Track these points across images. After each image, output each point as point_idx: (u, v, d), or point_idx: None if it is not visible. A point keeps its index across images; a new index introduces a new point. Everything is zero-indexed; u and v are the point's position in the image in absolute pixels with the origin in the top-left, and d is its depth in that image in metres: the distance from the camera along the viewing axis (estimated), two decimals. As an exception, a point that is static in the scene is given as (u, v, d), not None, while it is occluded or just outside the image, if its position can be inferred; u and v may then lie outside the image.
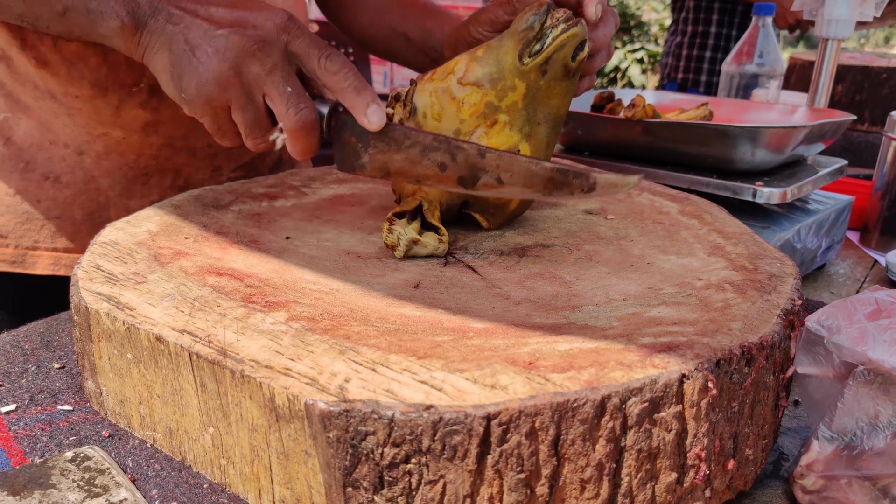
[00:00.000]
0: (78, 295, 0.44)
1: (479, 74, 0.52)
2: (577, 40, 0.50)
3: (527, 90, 0.52)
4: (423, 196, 0.53)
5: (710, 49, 2.05)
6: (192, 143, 0.69)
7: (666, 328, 0.38)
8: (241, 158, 0.75)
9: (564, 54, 0.51)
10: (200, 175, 0.72)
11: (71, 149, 0.65)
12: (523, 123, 0.52)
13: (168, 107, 0.66)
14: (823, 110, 0.88)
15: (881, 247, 0.91)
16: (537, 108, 0.53)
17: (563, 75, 0.52)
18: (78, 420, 0.46)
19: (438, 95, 0.53)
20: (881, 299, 0.40)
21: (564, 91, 0.53)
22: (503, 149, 0.51)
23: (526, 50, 0.51)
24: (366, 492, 0.33)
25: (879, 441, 0.35)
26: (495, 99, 0.52)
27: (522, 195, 0.47)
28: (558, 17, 0.51)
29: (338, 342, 0.37)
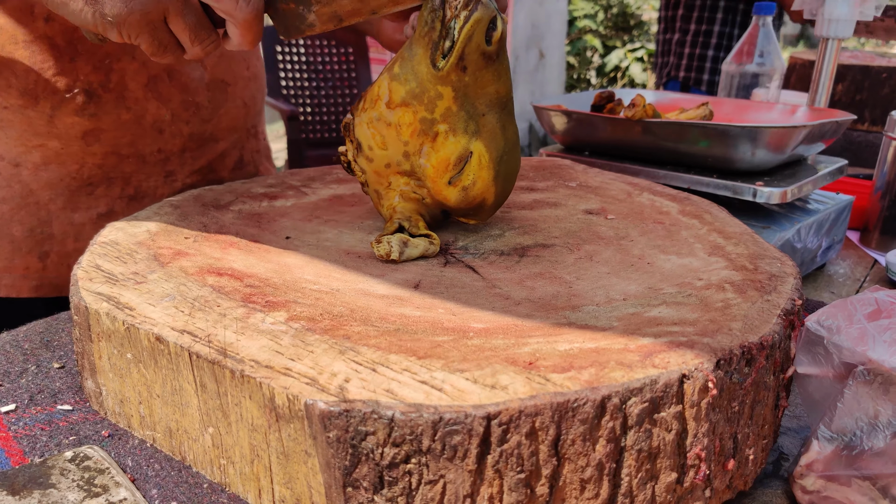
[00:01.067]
0: (78, 295, 0.44)
1: (402, 94, 0.49)
2: (485, 23, 0.46)
3: (455, 92, 0.48)
4: (400, 217, 0.52)
5: (713, 48, 2.04)
6: (140, 149, 0.64)
7: (666, 328, 0.38)
8: (196, 162, 0.70)
9: (476, 43, 0.47)
10: (152, 182, 0.67)
11: (6, 161, 0.61)
12: (466, 123, 0.49)
13: (108, 112, 0.61)
14: (823, 110, 0.88)
15: (881, 247, 0.91)
16: (475, 102, 0.49)
17: (485, 63, 0.48)
18: (78, 420, 0.45)
19: (375, 125, 0.51)
20: (881, 299, 0.40)
21: (496, 74, 0.49)
22: (454, 158, 0.49)
23: (437, 53, 0.47)
24: (366, 492, 0.33)
25: (879, 441, 0.35)
26: (427, 113, 0.49)
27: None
28: (456, 4, 0.46)
29: (338, 342, 0.37)
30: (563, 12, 4.16)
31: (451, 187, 0.51)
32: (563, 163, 0.77)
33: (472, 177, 0.50)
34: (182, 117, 0.66)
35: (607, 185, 0.70)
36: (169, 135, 0.65)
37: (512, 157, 0.53)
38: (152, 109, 0.63)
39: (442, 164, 0.50)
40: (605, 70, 5.58)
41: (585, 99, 0.90)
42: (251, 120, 0.74)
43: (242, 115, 0.72)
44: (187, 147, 0.67)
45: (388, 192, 0.54)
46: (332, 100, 2.74)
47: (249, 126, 0.74)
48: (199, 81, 0.66)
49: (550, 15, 4.00)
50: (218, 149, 0.71)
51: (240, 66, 0.70)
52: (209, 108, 0.68)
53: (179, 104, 0.65)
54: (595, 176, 0.73)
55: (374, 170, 0.53)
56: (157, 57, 0.48)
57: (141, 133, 0.63)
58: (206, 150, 0.70)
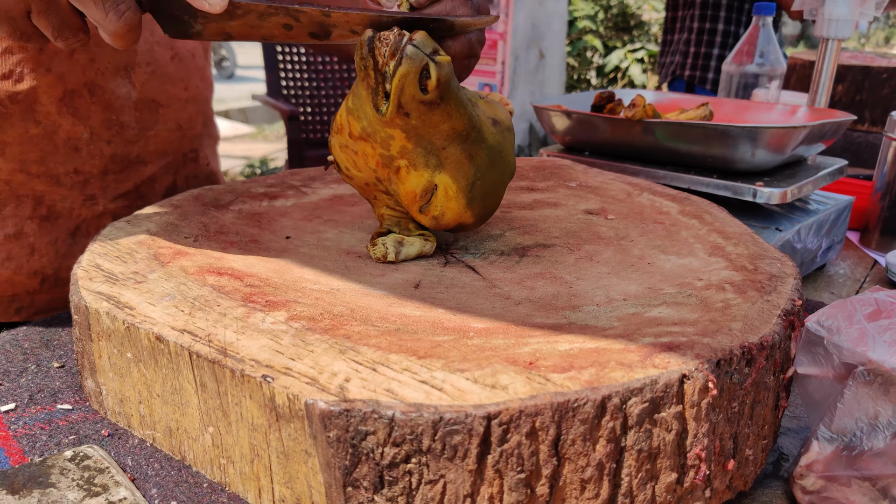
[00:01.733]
0: (77, 294, 0.44)
1: (358, 130, 0.47)
2: (414, 75, 0.43)
3: (405, 133, 0.45)
4: (390, 223, 0.52)
5: (718, 46, 2.05)
6: (51, 168, 0.59)
7: (666, 328, 0.38)
8: (120, 186, 0.64)
9: (410, 94, 0.43)
10: (68, 204, 0.61)
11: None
12: (426, 158, 0.47)
13: (13, 125, 0.57)
14: (824, 110, 0.88)
15: (881, 247, 0.91)
16: (431, 139, 0.46)
17: (428, 108, 0.44)
18: (77, 419, 0.45)
19: (345, 151, 0.50)
20: (881, 300, 0.40)
21: (445, 115, 0.45)
22: (419, 190, 0.48)
23: (378, 98, 0.44)
24: (366, 491, 0.33)
25: (879, 441, 0.35)
26: (384, 150, 0.47)
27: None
28: (383, 51, 0.43)
29: (338, 342, 0.37)
30: (563, 12, 4.16)
31: (423, 215, 0.50)
32: (563, 163, 0.77)
33: (441, 208, 0.49)
34: (103, 136, 0.61)
35: (607, 185, 0.70)
36: (87, 154, 0.60)
37: (488, 179, 0.50)
38: (66, 126, 0.59)
39: (409, 195, 0.49)
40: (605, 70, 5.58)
41: (585, 99, 0.90)
42: (189, 144, 0.69)
43: (177, 138, 0.67)
44: (109, 169, 0.62)
45: (376, 203, 0.54)
46: (332, 100, 2.74)
47: (187, 150, 0.69)
48: (126, 99, 0.62)
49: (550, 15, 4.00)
50: (146, 172, 0.66)
51: (176, 87, 0.66)
52: (136, 129, 0.63)
53: (100, 122, 0.61)
54: (595, 176, 0.73)
55: (357, 185, 0.53)
56: (21, 41, 0.46)
57: (52, 150, 0.58)
58: (132, 173, 0.64)
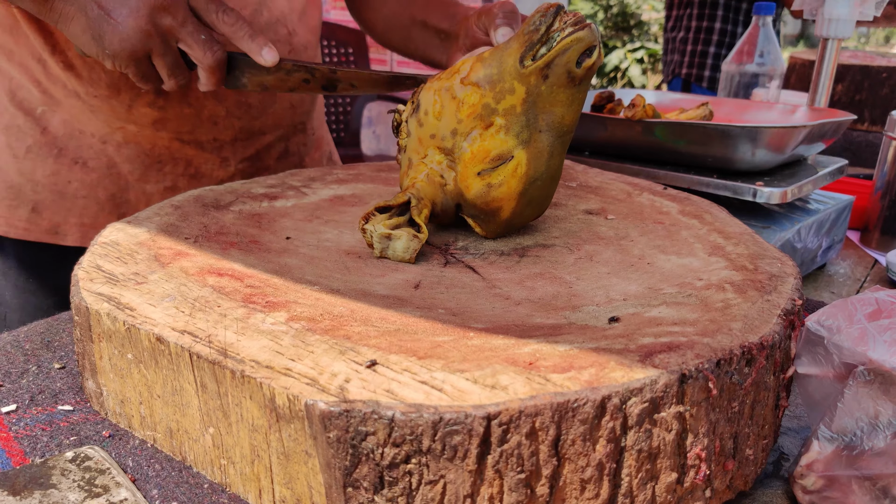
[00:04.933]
0: (78, 295, 0.44)
1: (480, 75, 0.51)
2: (584, 45, 0.48)
3: (526, 94, 0.49)
4: (415, 192, 0.53)
5: (715, 45, 2.05)
6: (198, 137, 0.76)
7: (666, 328, 0.38)
8: (245, 151, 0.80)
9: (567, 59, 0.48)
10: (209, 165, 0.78)
11: (96, 138, 0.73)
12: (521, 129, 0.50)
13: (173, 106, 0.73)
14: (823, 110, 0.88)
15: (881, 246, 0.91)
16: (538, 115, 0.50)
17: (566, 82, 0.49)
18: (78, 420, 0.46)
19: (441, 94, 0.52)
20: (881, 299, 0.40)
21: (569, 99, 0.50)
22: (494, 153, 0.51)
23: (529, 53, 0.49)
24: (366, 492, 0.33)
25: (879, 441, 0.35)
26: (492, 101, 0.50)
27: (374, 91, 0.62)
28: (567, 20, 0.48)
29: (338, 342, 0.37)
30: (563, 12, 4.16)
31: (478, 178, 0.51)
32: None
33: (501, 178, 0.51)
34: (235, 114, 0.77)
35: (607, 185, 0.70)
36: (223, 126, 0.77)
37: (545, 188, 0.53)
38: (210, 106, 0.75)
39: (482, 152, 0.51)
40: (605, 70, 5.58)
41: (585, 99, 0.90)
42: (298, 118, 0.85)
43: (289, 114, 0.83)
44: (238, 137, 0.79)
45: (419, 165, 0.54)
46: (332, 100, 2.73)
47: (297, 123, 0.85)
48: None
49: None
50: (265, 140, 0.82)
51: None
52: (259, 108, 0.79)
53: (233, 103, 0.77)
54: (595, 176, 0.73)
55: (419, 136, 0.54)
56: (139, 83, 0.61)
57: (199, 124, 0.75)
58: (255, 141, 0.81)
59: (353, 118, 2.78)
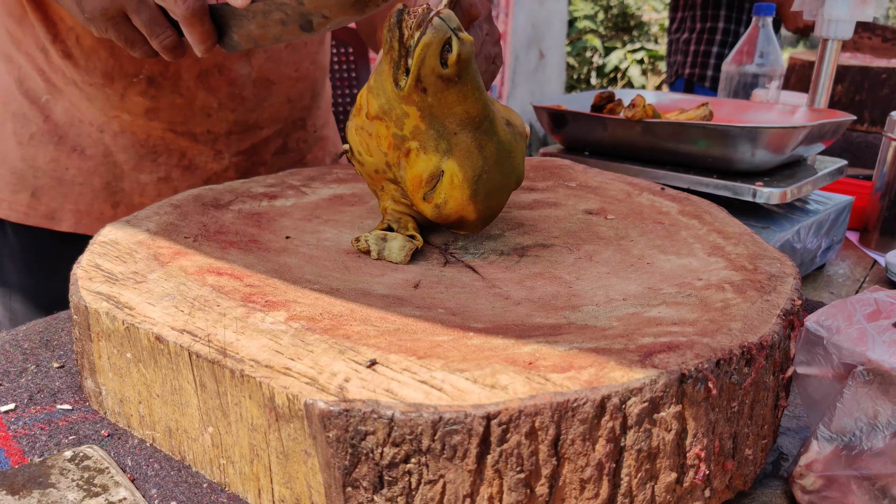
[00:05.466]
0: (77, 294, 0.44)
1: (376, 108, 0.48)
2: (435, 47, 0.43)
3: (420, 112, 0.46)
4: (391, 218, 0.52)
5: (718, 44, 2.05)
6: (191, 128, 0.77)
7: (666, 328, 0.38)
8: (240, 144, 0.80)
9: (430, 67, 0.44)
10: (203, 157, 0.79)
11: (94, 126, 0.75)
12: (437, 142, 0.48)
13: (165, 96, 0.74)
14: (823, 110, 0.88)
15: (881, 247, 0.91)
16: (444, 122, 0.47)
17: (445, 85, 0.45)
18: (77, 419, 0.45)
19: (360, 133, 0.51)
20: (880, 300, 0.40)
21: (461, 96, 0.46)
22: (426, 175, 0.49)
23: (399, 72, 0.45)
24: (365, 491, 0.33)
25: (878, 441, 0.35)
26: (398, 129, 0.48)
27: (348, 20, 0.52)
28: (410, 23, 0.44)
29: (337, 342, 0.37)
30: (563, 12, 4.16)
31: (425, 203, 0.50)
32: (563, 163, 0.77)
33: (444, 196, 0.49)
34: (228, 106, 0.77)
35: (607, 185, 0.70)
36: (216, 119, 0.77)
37: (494, 176, 0.50)
38: (201, 97, 0.75)
39: (416, 179, 0.49)
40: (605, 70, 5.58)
41: (585, 99, 0.90)
42: (297, 114, 0.85)
43: (287, 108, 0.83)
44: (233, 130, 0.79)
45: (382, 194, 0.54)
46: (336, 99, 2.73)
47: (296, 118, 0.85)
48: (247, 78, 0.78)
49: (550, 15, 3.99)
50: (262, 135, 0.82)
51: (288, 69, 0.81)
52: (253, 101, 0.79)
53: (226, 95, 0.77)
54: (595, 176, 0.73)
55: (366, 172, 0.53)
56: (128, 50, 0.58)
57: (191, 115, 0.76)
58: (250, 134, 0.81)
59: (352, 118, 2.78)
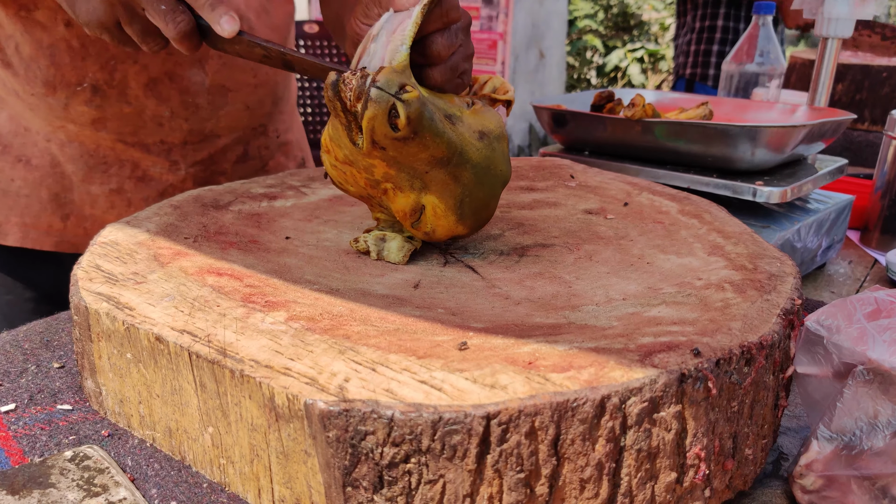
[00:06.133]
0: (77, 295, 0.44)
1: (342, 156, 0.48)
2: (382, 117, 0.42)
3: (386, 161, 0.46)
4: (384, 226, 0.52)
5: (718, 42, 2.05)
6: (142, 139, 0.74)
7: (666, 328, 0.38)
8: (197, 154, 0.78)
9: (382, 133, 0.43)
10: (158, 169, 0.76)
11: (41, 136, 0.72)
12: (411, 181, 0.47)
13: (111, 105, 0.71)
14: (823, 109, 0.88)
15: (881, 246, 0.91)
16: (413, 165, 0.46)
17: (402, 143, 0.43)
18: (77, 419, 0.46)
19: (335, 169, 0.50)
20: (881, 299, 0.40)
21: (421, 145, 0.44)
22: (408, 209, 0.48)
23: (353, 132, 0.44)
24: (365, 491, 0.33)
25: (878, 441, 0.35)
26: (368, 175, 0.48)
27: (323, 77, 0.49)
28: (349, 95, 0.43)
29: (337, 342, 0.37)
30: (563, 12, 4.16)
31: (416, 230, 0.50)
32: (562, 163, 0.77)
33: (431, 225, 0.49)
34: (181, 115, 0.74)
35: (607, 184, 0.70)
36: (169, 129, 0.74)
37: (478, 194, 0.49)
38: (151, 106, 0.72)
39: (399, 213, 0.49)
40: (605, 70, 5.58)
41: (585, 99, 0.90)
42: (257, 120, 0.82)
43: (245, 116, 0.80)
44: (188, 140, 0.76)
45: (373, 209, 0.54)
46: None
47: (255, 125, 0.82)
48: (200, 85, 0.75)
49: (550, 15, 3.99)
50: (219, 143, 0.79)
51: (245, 75, 0.78)
52: (208, 109, 0.76)
53: (179, 104, 0.73)
54: (595, 176, 0.73)
55: (353, 195, 0.53)
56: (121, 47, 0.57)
57: (141, 125, 0.73)
58: (207, 144, 0.78)
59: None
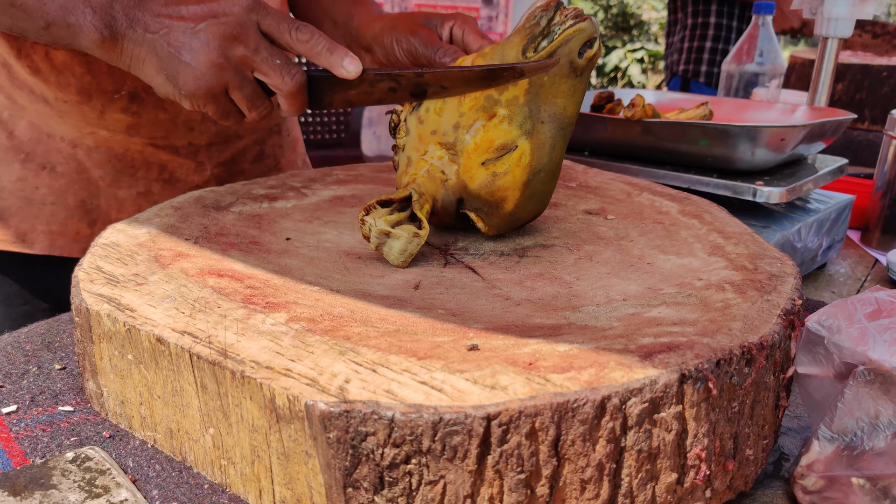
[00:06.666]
0: (79, 296, 0.44)
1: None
2: (585, 36, 0.50)
3: (529, 85, 0.51)
4: (416, 188, 0.52)
5: (711, 39, 2.05)
6: (172, 142, 0.75)
7: (666, 328, 0.38)
8: (222, 155, 0.79)
9: (570, 49, 0.50)
10: (184, 170, 0.77)
11: (66, 142, 0.71)
12: (524, 119, 0.51)
13: (148, 112, 0.71)
14: (823, 109, 0.88)
15: (882, 246, 0.91)
16: (541, 106, 0.51)
17: (569, 72, 0.51)
18: (79, 421, 0.46)
19: None
20: (882, 299, 0.40)
21: (571, 90, 0.51)
22: (499, 143, 0.51)
23: (531, 45, 0.50)
24: (366, 492, 0.33)
25: (880, 441, 0.35)
26: (495, 92, 0.51)
27: (467, 91, 0.52)
28: (567, 13, 0.50)
29: (338, 343, 0.37)
30: (563, 12, 4.16)
31: (483, 168, 0.52)
32: (563, 163, 0.77)
33: (506, 167, 0.51)
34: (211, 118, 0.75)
35: (607, 185, 0.70)
36: (198, 131, 0.76)
37: (547, 180, 0.53)
38: (186, 111, 0.73)
39: (486, 142, 0.51)
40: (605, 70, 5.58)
41: (585, 99, 0.90)
42: (273, 120, 0.83)
43: None
44: (213, 142, 0.78)
45: (418, 162, 0.54)
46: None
47: (272, 125, 0.84)
48: None
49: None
50: (241, 144, 0.81)
51: None
52: None
53: None
54: (595, 176, 0.73)
55: (419, 133, 0.54)
56: (222, 121, 0.57)
57: (174, 129, 0.74)
58: (231, 145, 0.80)
59: (353, 119, 2.78)
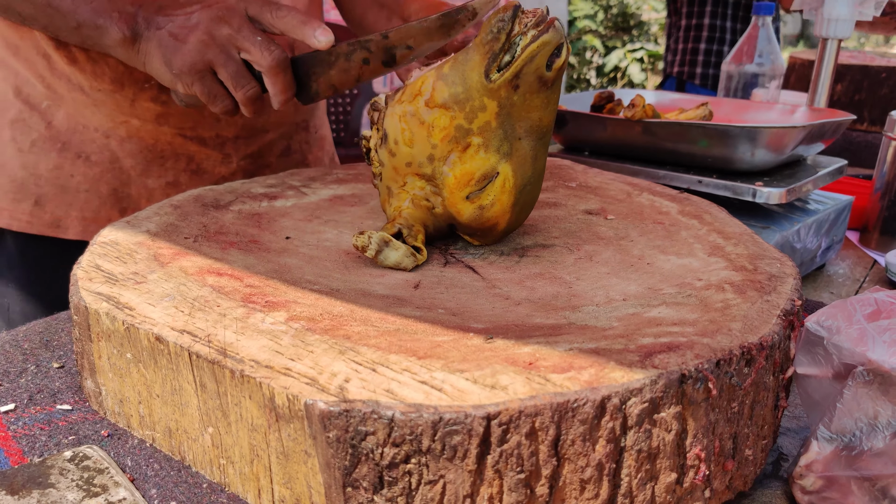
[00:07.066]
0: (77, 295, 0.44)
1: (445, 96, 0.48)
2: (551, 48, 0.45)
3: (499, 108, 0.47)
4: (403, 222, 0.50)
5: (705, 41, 2.05)
6: (200, 133, 0.78)
7: (666, 328, 0.38)
8: (247, 147, 0.81)
9: (537, 66, 0.45)
10: (211, 162, 0.79)
11: (100, 132, 0.75)
12: (500, 143, 0.48)
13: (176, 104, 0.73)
14: (823, 110, 0.88)
15: (881, 247, 0.91)
16: (515, 124, 0.48)
17: (539, 87, 0.47)
18: (77, 419, 0.45)
19: (407, 120, 0.49)
20: (881, 300, 0.40)
21: (545, 102, 0.48)
22: (479, 174, 0.48)
23: (493, 65, 0.46)
24: (365, 492, 0.33)
25: (878, 441, 0.35)
26: (465, 122, 0.47)
27: (432, 47, 0.52)
28: (527, 21, 0.45)
29: (338, 342, 0.37)
30: (563, 12, 4.16)
31: (468, 203, 0.49)
32: (562, 163, 0.77)
33: (492, 198, 0.49)
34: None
35: (607, 185, 0.70)
36: (225, 124, 0.78)
37: (534, 190, 0.52)
38: None
39: (465, 176, 0.49)
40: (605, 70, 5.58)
41: (585, 99, 0.90)
42: (301, 116, 0.87)
43: (292, 112, 0.84)
44: (240, 135, 0.80)
45: (400, 193, 0.52)
46: (332, 101, 2.73)
47: (299, 121, 0.87)
48: None
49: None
50: (267, 138, 0.83)
51: None
52: None
53: None
54: (595, 176, 0.73)
55: (393, 165, 0.52)
56: (211, 105, 0.61)
57: (202, 120, 0.77)
58: (258, 138, 0.82)
59: (353, 118, 2.78)
